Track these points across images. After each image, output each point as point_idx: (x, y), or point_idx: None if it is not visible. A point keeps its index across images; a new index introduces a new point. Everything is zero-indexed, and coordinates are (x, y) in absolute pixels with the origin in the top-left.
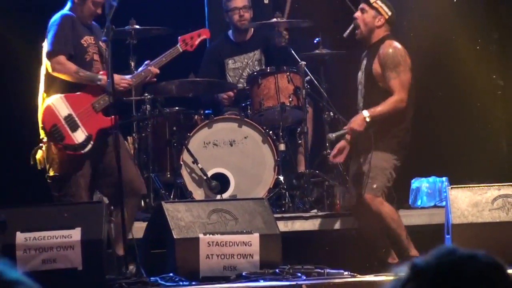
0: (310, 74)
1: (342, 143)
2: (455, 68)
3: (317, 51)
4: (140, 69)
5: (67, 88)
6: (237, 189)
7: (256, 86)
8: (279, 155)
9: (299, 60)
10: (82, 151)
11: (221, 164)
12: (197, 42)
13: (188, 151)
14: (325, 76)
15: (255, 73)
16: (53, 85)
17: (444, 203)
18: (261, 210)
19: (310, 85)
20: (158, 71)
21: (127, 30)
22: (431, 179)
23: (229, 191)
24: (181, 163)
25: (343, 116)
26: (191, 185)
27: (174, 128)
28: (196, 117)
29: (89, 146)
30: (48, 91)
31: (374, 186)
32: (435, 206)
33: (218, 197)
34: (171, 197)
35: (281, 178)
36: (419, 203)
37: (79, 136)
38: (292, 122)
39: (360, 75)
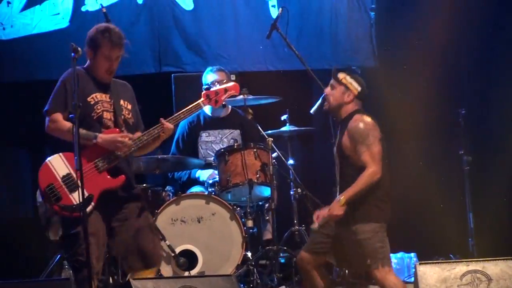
0: (277, 151)
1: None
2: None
3: (284, 128)
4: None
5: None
6: (205, 265)
7: (223, 163)
8: (247, 231)
9: (266, 137)
10: (81, 214)
11: (189, 241)
12: (223, 98)
13: (155, 228)
14: (292, 153)
15: (222, 150)
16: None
17: (412, 279)
18: (229, 287)
19: (277, 162)
20: (172, 127)
21: None
22: (399, 254)
23: (197, 267)
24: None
25: (311, 192)
26: None
27: None
28: (163, 193)
29: (90, 207)
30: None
31: (368, 261)
32: (403, 282)
33: (186, 273)
34: None
35: (249, 254)
36: None
37: (78, 196)
38: (260, 199)
39: (335, 150)
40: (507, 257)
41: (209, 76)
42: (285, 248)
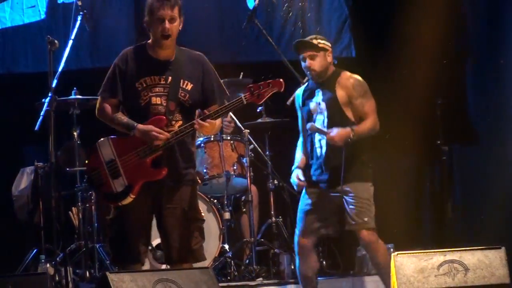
0: (254, 142)
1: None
2: (401, 134)
3: (260, 119)
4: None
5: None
6: None
7: (201, 155)
8: (224, 223)
9: (243, 129)
10: (120, 203)
11: None
12: (267, 94)
13: None
14: (269, 144)
15: (199, 141)
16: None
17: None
18: (206, 279)
19: (254, 153)
20: (207, 125)
21: (70, 100)
22: None
23: None
24: None
25: (288, 184)
26: None
27: None
28: None
29: (128, 199)
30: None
31: (366, 219)
32: None
33: (163, 266)
34: (116, 267)
35: (226, 246)
36: (365, 270)
37: (119, 185)
38: (237, 191)
39: (315, 106)
40: (484, 247)
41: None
42: (263, 240)
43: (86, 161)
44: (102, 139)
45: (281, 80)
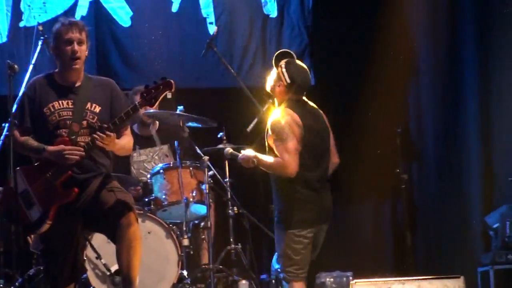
0: (213, 169)
1: None
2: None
3: (220, 145)
4: None
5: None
6: (141, 284)
7: (159, 181)
8: (182, 250)
9: (202, 155)
10: (39, 231)
11: None
12: (159, 96)
13: (92, 246)
14: (229, 171)
15: (158, 168)
16: None
17: None
18: None
19: (213, 180)
20: (103, 136)
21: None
22: (336, 273)
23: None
24: (85, 258)
25: (248, 211)
26: (94, 281)
27: None
28: None
29: (46, 226)
30: None
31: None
32: None
33: None
34: None
35: (185, 273)
36: None
37: (34, 213)
38: (196, 217)
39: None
40: (443, 276)
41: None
42: (221, 266)
43: (0, 199)
44: (12, 172)
45: (171, 80)
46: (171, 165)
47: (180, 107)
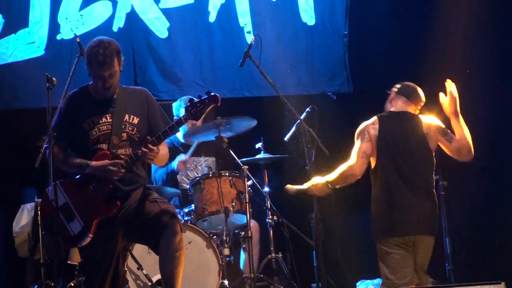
0: (253, 178)
1: None
2: None
3: (259, 155)
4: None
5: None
6: None
7: (199, 191)
8: (223, 259)
9: (241, 165)
10: (80, 245)
11: None
12: (204, 110)
13: (133, 257)
14: (268, 180)
15: (198, 178)
16: None
17: None
18: None
19: (252, 189)
20: (152, 149)
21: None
22: (376, 281)
23: None
24: (126, 269)
25: (287, 219)
26: None
27: None
28: None
29: (87, 239)
30: None
31: None
32: None
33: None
34: None
35: (226, 282)
36: None
37: (75, 227)
38: (236, 227)
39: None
40: (482, 282)
41: (182, 110)
42: (262, 275)
43: (39, 212)
44: (50, 186)
45: (217, 95)
46: (211, 175)
47: (218, 118)
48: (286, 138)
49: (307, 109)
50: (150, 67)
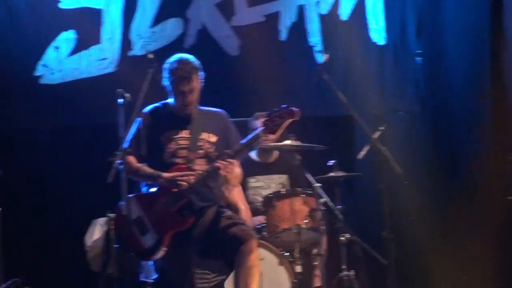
0: (325, 196)
1: None
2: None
3: (332, 173)
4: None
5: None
6: None
7: (272, 208)
8: (295, 276)
9: (314, 182)
10: (153, 258)
11: None
12: (283, 125)
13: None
14: (340, 198)
15: (271, 195)
16: None
17: None
18: None
19: (325, 207)
20: (228, 162)
21: None
22: None
23: None
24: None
25: (359, 237)
26: None
27: None
28: None
29: (160, 253)
30: None
31: None
32: None
33: None
34: None
35: None
36: None
37: (148, 240)
38: (308, 244)
39: None
40: None
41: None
42: None
43: (112, 226)
44: (124, 198)
45: (295, 109)
46: (283, 192)
47: (291, 135)
48: (360, 156)
49: (380, 127)
50: (220, 85)
